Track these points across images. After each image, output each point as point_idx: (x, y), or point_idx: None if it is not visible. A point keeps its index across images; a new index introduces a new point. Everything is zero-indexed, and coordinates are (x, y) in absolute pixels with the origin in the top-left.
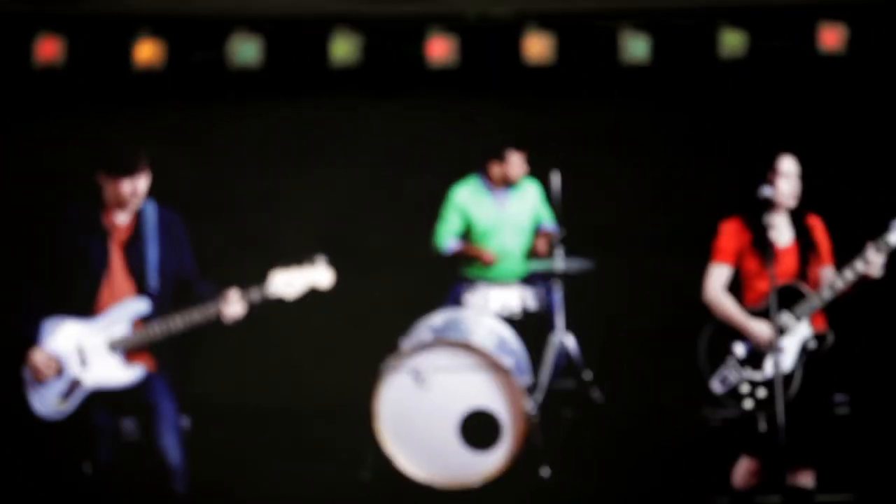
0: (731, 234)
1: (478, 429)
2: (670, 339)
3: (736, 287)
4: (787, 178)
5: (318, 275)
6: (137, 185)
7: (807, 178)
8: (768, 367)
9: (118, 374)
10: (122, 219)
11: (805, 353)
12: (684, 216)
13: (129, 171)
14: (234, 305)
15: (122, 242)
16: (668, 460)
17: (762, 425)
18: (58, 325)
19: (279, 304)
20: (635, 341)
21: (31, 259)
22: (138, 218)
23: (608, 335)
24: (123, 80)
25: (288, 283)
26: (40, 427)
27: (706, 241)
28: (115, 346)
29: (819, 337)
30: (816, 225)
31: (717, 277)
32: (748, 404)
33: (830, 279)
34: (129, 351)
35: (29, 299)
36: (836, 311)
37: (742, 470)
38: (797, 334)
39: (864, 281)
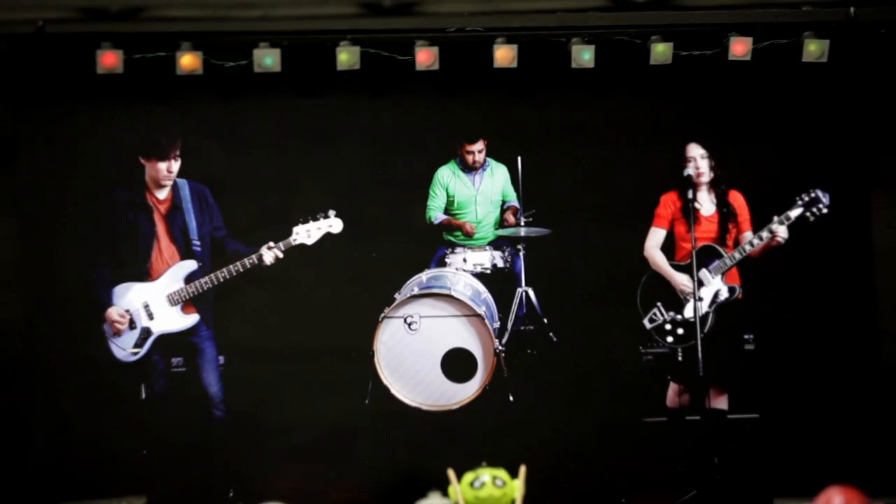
0: (666, 203)
1: (457, 364)
2: (613, 291)
3: (670, 246)
4: (695, 161)
5: (332, 223)
6: (171, 166)
7: (727, 161)
8: (687, 311)
9: (179, 321)
10: (161, 195)
11: (716, 301)
12: (623, 192)
13: (164, 155)
14: (269, 255)
15: (164, 214)
16: (612, 388)
17: (681, 357)
18: (126, 288)
19: (297, 262)
20: (585, 292)
21: (98, 234)
22: (174, 193)
23: (562, 288)
24: (169, 84)
25: (307, 232)
26: (109, 364)
27: (641, 212)
28: (173, 300)
29: (729, 289)
30: (737, 199)
31: (654, 238)
32: (670, 339)
33: (743, 243)
34: (185, 303)
35: (99, 269)
36: (750, 269)
37: (671, 394)
38: (712, 286)
39: (772, 245)
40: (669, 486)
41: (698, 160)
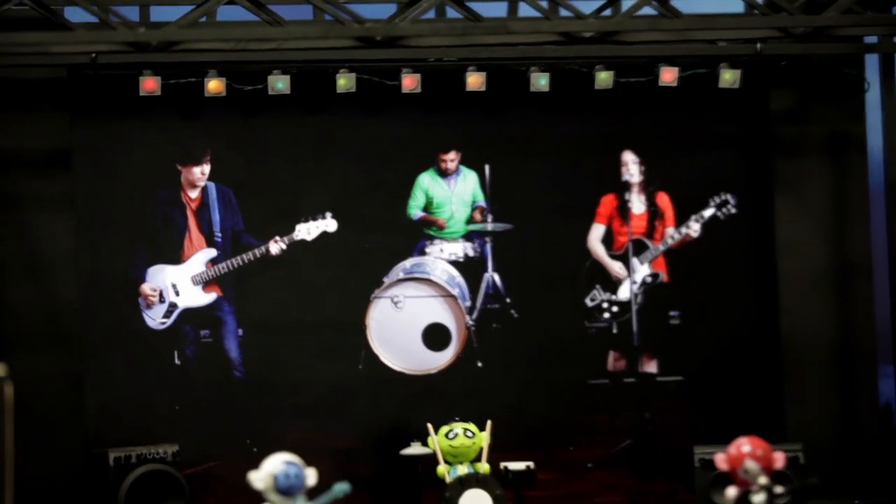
0: (606, 203)
1: (435, 336)
2: (563, 276)
3: (609, 238)
4: (627, 166)
5: (328, 223)
6: (203, 170)
7: (657, 168)
8: (620, 293)
9: (200, 298)
10: (193, 194)
11: (644, 284)
12: (572, 194)
13: (198, 161)
14: (275, 247)
15: (195, 210)
16: (562, 356)
17: (615, 330)
18: (159, 269)
19: (304, 251)
20: (540, 277)
21: (138, 226)
22: (204, 193)
23: (522, 274)
24: (198, 104)
25: (307, 230)
26: (147, 334)
27: (586, 210)
28: (196, 281)
29: (653, 275)
30: (663, 200)
31: (595, 232)
32: (606, 316)
33: (666, 237)
34: (206, 283)
35: (138, 252)
36: (675, 259)
37: (611, 360)
38: (640, 272)
39: (688, 240)
40: (609, 437)
41: (630, 165)
